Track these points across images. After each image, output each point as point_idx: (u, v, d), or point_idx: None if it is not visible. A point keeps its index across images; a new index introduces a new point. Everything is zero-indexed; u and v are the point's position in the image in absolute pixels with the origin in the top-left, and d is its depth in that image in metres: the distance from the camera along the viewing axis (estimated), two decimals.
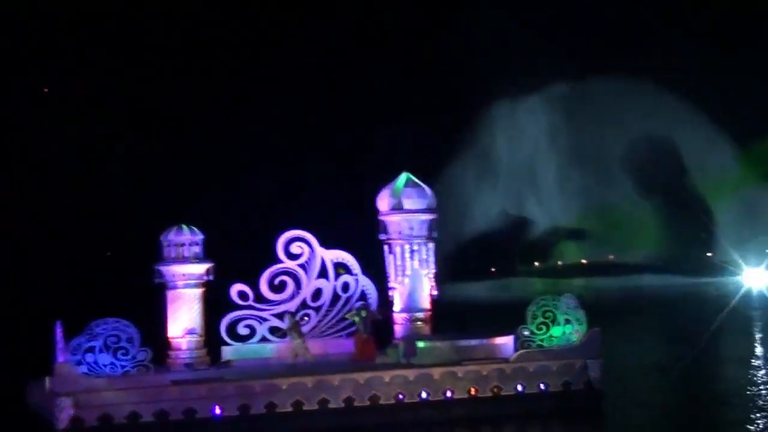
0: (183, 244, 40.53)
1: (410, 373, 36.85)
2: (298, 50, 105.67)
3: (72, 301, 67.53)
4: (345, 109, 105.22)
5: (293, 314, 40.63)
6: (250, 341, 41.19)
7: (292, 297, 41.64)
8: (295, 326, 40.16)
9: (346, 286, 42.18)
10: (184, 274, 40.37)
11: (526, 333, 38.64)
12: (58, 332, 35.13)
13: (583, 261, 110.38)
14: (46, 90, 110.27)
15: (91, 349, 35.13)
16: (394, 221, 41.65)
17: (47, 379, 35.84)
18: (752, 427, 35.06)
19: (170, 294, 40.50)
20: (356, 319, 41.34)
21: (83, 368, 34.86)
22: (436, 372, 36.93)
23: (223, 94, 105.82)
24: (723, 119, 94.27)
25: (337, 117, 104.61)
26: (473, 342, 39.07)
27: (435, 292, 41.83)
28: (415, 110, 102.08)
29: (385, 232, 41.95)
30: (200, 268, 40.59)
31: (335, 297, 42.03)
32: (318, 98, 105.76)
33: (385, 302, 41.96)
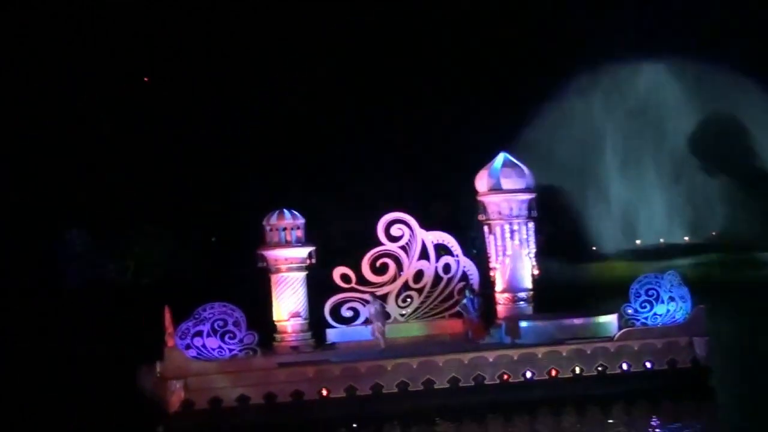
0: (285, 228, 41.04)
1: (514, 353, 36.89)
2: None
3: (179, 287, 68.75)
4: (442, 90, 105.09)
5: (376, 298, 40.61)
6: (354, 323, 41.59)
7: (394, 279, 41.93)
8: (380, 311, 40.08)
9: (447, 267, 42.33)
10: (286, 258, 40.85)
11: (630, 311, 38.42)
12: (167, 317, 35.81)
13: (686, 238, 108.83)
14: (146, 79, 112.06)
15: (199, 333, 35.68)
16: (493, 202, 41.67)
17: (157, 364, 36.66)
18: None
19: (274, 278, 41.05)
20: (463, 301, 41.43)
21: (192, 352, 35.47)
22: (540, 351, 36.91)
23: (319, 75, 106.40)
24: None
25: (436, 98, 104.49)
26: (576, 321, 39.00)
27: (536, 272, 41.80)
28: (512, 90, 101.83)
29: (485, 212, 42.00)
30: (302, 252, 41.03)
31: (437, 278, 42.21)
32: (417, 76, 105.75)
33: (487, 282, 42.06)
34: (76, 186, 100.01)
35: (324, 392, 35.34)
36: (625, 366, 37.14)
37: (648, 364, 37.27)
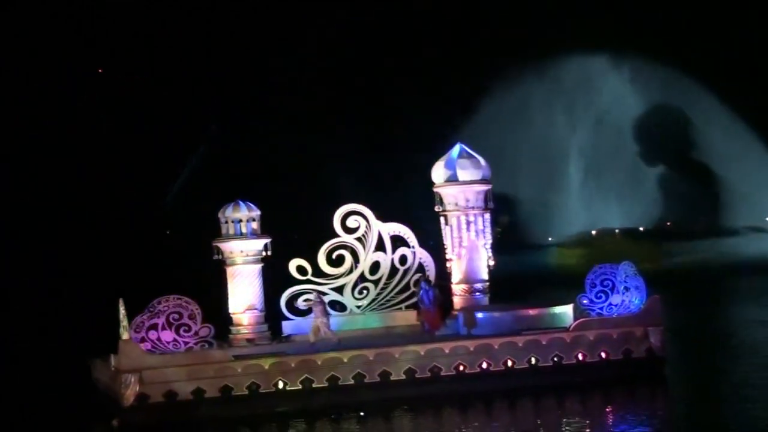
0: (240, 220, 40.84)
1: (470, 344, 36.94)
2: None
3: (134, 280, 68.34)
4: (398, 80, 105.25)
5: (319, 293, 40.48)
6: (310, 315, 41.47)
7: (350, 270, 41.87)
8: (321, 305, 39.92)
9: (403, 259, 42.32)
10: (242, 250, 40.67)
11: (585, 302, 38.59)
12: (121, 310, 35.53)
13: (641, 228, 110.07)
14: (100, 70, 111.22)
15: (154, 326, 35.48)
16: (449, 193, 41.68)
17: (112, 357, 36.40)
18: None
19: (229, 270, 40.84)
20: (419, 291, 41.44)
21: (147, 345, 35.25)
22: (496, 342, 36.99)
23: (273, 64, 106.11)
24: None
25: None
26: (532, 311, 39.12)
27: (492, 263, 41.88)
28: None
29: (441, 204, 42.01)
30: (258, 244, 40.86)
31: (393, 270, 42.19)
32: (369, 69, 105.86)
33: (443, 274, 42.10)
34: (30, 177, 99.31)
35: (280, 385, 35.20)
36: (580, 356, 37.30)
37: (603, 354, 37.45)
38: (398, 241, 42.66)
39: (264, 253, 40.99)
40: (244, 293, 40.56)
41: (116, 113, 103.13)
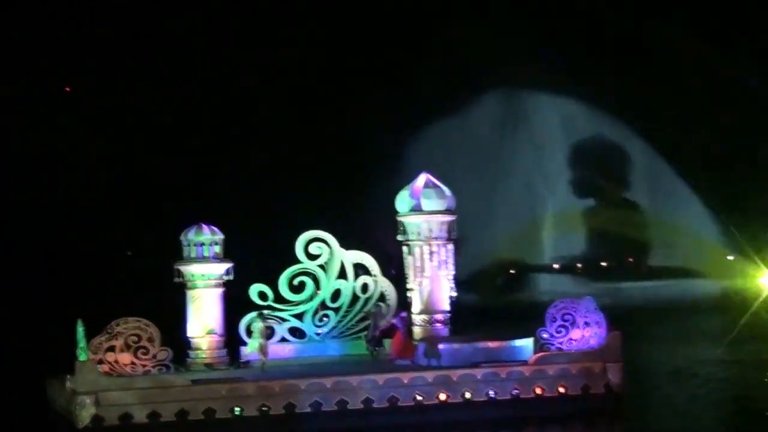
0: (203, 244, 40.69)
1: (429, 375, 36.86)
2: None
3: (93, 300, 67.85)
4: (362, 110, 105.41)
5: (262, 315, 40.34)
6: (270, 341, 41.32)
7: (311, 297, 41.78)
8: (263, 329, 39.84)
9: (365, 287, 42.28)
10: (203, 274, 40.51)
11: (545, 335, 38.61)
12: (79, 331, 35.21)
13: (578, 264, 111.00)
14: (68, 89, 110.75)
15: (111, 348, 35.21)
16: (413, 222, 41.69)
17: (68, 378, 36.06)
18: None
19: (190, 293, 40.66)
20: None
21: (104, 367, 34.94)
22: (455, 374, 36.93)
23: (236, 92, 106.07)
24: None
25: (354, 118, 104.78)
26: (492, 344, 39.10)
27: (454, 294, 41.87)
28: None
29: (404, 233, 42.01)
30: (220, 268, 40.73)
31: (354, 298, 42.15)
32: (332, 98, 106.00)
33: (404, 303, 42.06)
34: None
35: (237, 410, 34.97)
36: (539, 390, 37.28)
37: (562, 389, 37.46)
38: (360, 269, 42.64)
39: (225, 278, 40.84)
40: (204, 317, 40.38)
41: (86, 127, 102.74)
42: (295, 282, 41.75)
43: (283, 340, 41.67)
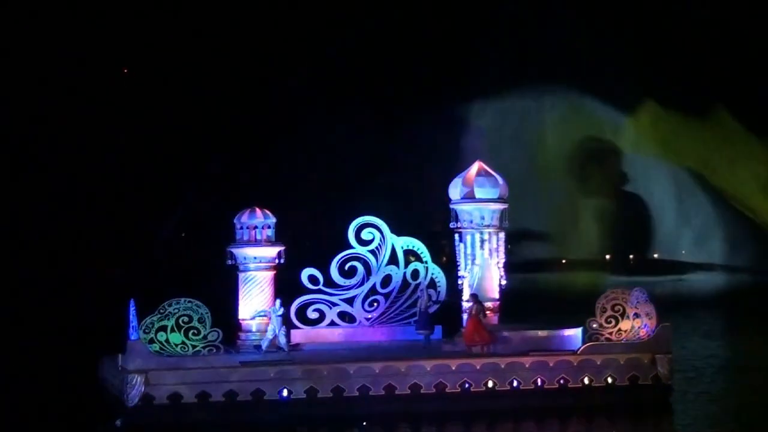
0: (255, 227, 41.01)
1: (477, 362, 36.90)
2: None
3: (146, 280, 68.56)
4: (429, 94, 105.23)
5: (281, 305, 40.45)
6: (319, 325, 41.59)
7: (361, 282, 41.97)
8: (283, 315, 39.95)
9: (415, 273, 42.39)
10: (255, 257, 40.82)
11: (595, 326, 38.51)
12: (132, 310, 35.63)
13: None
14: (125, 70, 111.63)
15: (163, 328, 35.55)
16: (465, 210, 41.72)
17: (119, 357, 36.50)
18: None
19: (242, 276, 41.00)
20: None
21: (154, 347, 35.32)
22: (503, 362, 36.94)
23: (294, 74, 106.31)
24: None
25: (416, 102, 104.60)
26: (541, 333, 39.09)
27: (504, 282, 41.87)
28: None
29: (456, 220, 42.06)
30: (272, 251, 41.02)
31: (404, 284, 42.28)
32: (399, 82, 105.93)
33: (454, 291, 42.12)
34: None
35: (285, 393, 35.22)
36: (586, 380, 37.21)
37: (609, 380, 37.36)
38: (411, 256, 42.77)
39: (277, 261, 41.14)
40: (254, 300, 40.70)
41: (138, 113, 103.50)
42: (346, 267, 41.93)
43: (333, 324, 41.86)
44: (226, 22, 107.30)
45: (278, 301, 39.94)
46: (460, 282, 41.92)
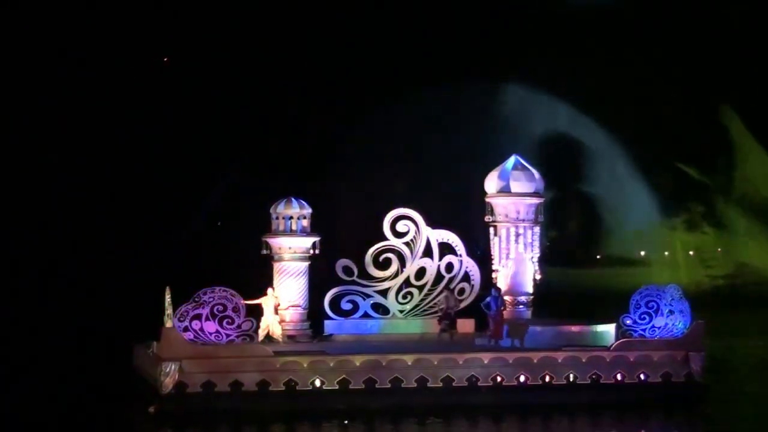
0: (291, 217, 41.17)
1: (509, 356, 36.90)
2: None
3: (181, 269, 68.89)
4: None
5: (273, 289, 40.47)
6: (353, 316, 41.72)
7: (396, 274, 42.03)
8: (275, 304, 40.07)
9: (450, 266, 42.41)
10: (290, 247, 40.99)
11: (628, 322, 38.40)
12: (167, 298, 35.85)
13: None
14: (166, 59, 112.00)
15: (197, 317, 35.67)
16: (500, 204, 41.71)
17: (154, 344, 36.73)
18: None
19: (277, 266, 41.19)
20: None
21: (189, 335, 35.51)
22: (536, 356, 36.93)
23: (334, 65, 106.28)
24: None
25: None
26: (574, 328, 39.04)
27: (539, 276, 41.85)
28: None
29: (492, 214, 42.06)
30: (307, 242, 41.17)
31: (438, 276, 42.29)
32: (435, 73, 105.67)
33: (488, 284, 42.08)
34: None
35: (317, 383, 35.37)
36: (619, 376, 37.14)
37: (642, 376, 37.27)
38: (446, 249, 42.78)
39: (312, 251, 41.29)
40: (289, 290, 40.88)
41: (175, 103, 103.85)
42: (381, 259, 42.00)
43: (366, 315, 41.97)
44: (268, 10, 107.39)
45: (270, 291, 40.10)
46: (493, 276, 41.91)
